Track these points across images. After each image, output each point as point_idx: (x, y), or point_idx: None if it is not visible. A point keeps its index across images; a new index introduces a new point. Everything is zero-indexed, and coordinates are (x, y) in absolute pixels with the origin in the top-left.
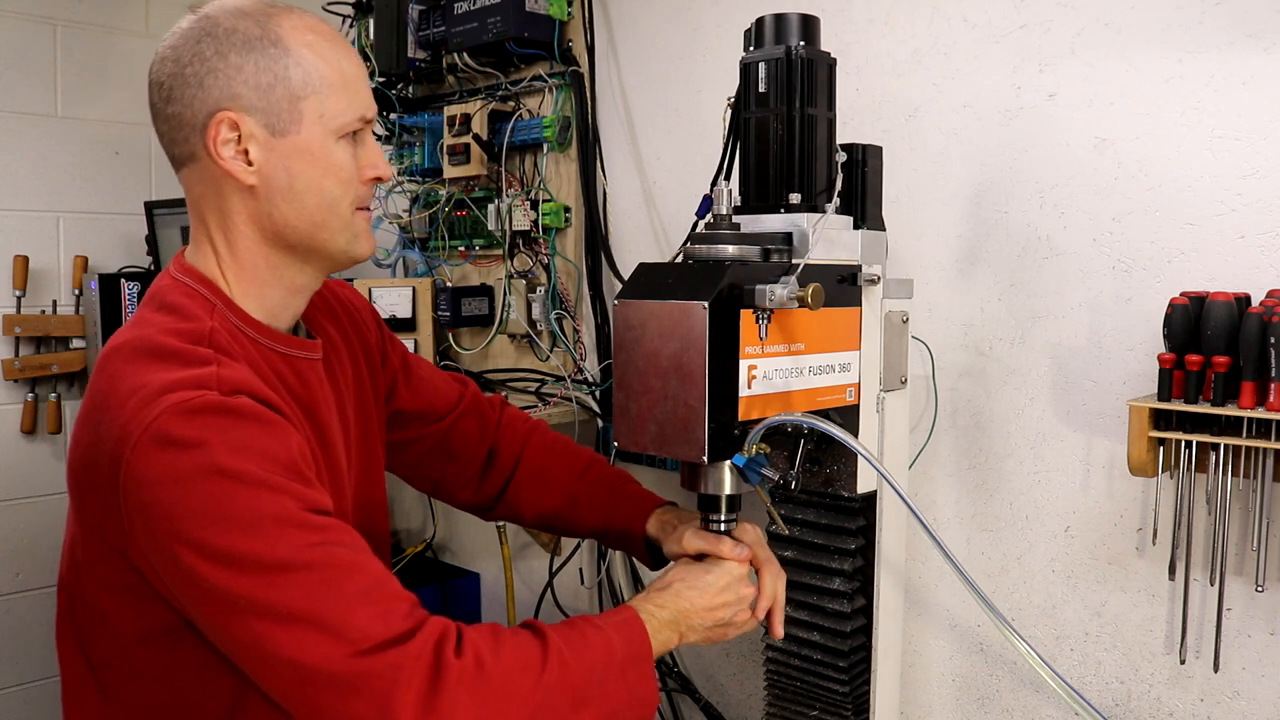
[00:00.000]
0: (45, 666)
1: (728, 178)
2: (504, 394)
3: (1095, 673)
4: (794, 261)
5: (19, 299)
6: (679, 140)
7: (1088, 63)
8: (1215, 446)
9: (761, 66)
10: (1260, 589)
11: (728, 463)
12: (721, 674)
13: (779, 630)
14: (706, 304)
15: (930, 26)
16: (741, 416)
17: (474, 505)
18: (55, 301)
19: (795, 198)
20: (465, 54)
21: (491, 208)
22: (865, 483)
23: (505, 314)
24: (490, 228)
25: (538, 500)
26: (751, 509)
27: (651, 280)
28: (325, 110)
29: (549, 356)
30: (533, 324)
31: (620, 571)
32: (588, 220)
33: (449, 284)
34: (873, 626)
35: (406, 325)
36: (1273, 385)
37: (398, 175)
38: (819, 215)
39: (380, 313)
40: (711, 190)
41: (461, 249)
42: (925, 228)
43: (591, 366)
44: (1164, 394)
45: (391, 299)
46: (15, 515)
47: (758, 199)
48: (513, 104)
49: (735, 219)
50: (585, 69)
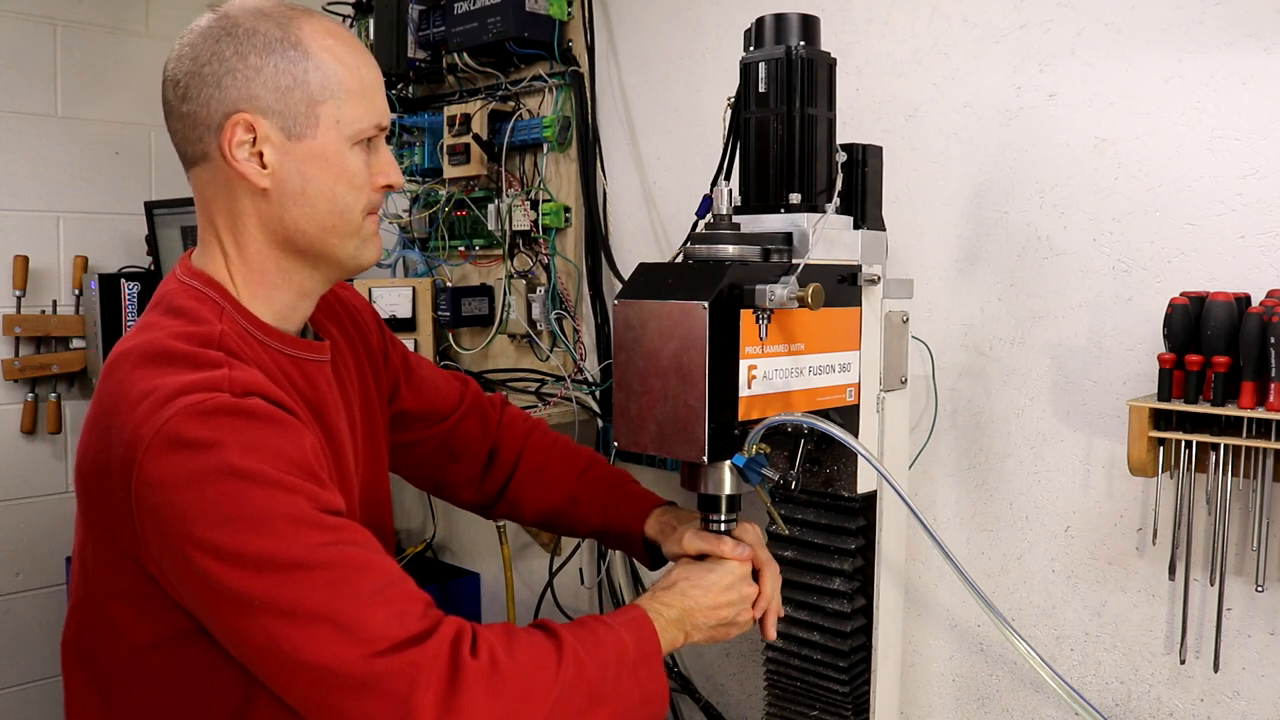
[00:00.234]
0: (45, 666)
1: (728, 178)
2: (504, 394)
3: (1095, 673)
4: (794, 261)
5: (19, 299)
6: (679, 140)
7: (1088, 63)
8: (1215, 446)
9: (761, 66)
10: (1260, 589)
11: (728, 463)
12: (721, 674)
13: (771, 633)
14: (706, 304)
15: (930, 26)
16: (741, 416)
17: (475, 504)
18: (55, 301)
19: (795, 198)
20: (465, 54)
21: (491, 208)
22: (865, 483)
23: (505, 314)
24: (490, 228)
25: (537, 499)
26: (751, 509)
27: (651, 280)
28: (342, 116)
29: (549, 356)
30: (533, 324)
31: (620, 571)
32: (588, 220)
33: (449, 284)
34: (873, 626)
35: (406, 325)
36: (1273, 385)
37: None
38: (819, 215)
39: (380, 313)
40: (711, 190)
41: (461, 249)
42: (925, 228)
43: (591, 366)
44: (1164, 394)
45: (391, 299)
46: (15, 515)
47: (758, 199)
48: (513, 104)
49: (735, 219)
50: (585, 69)
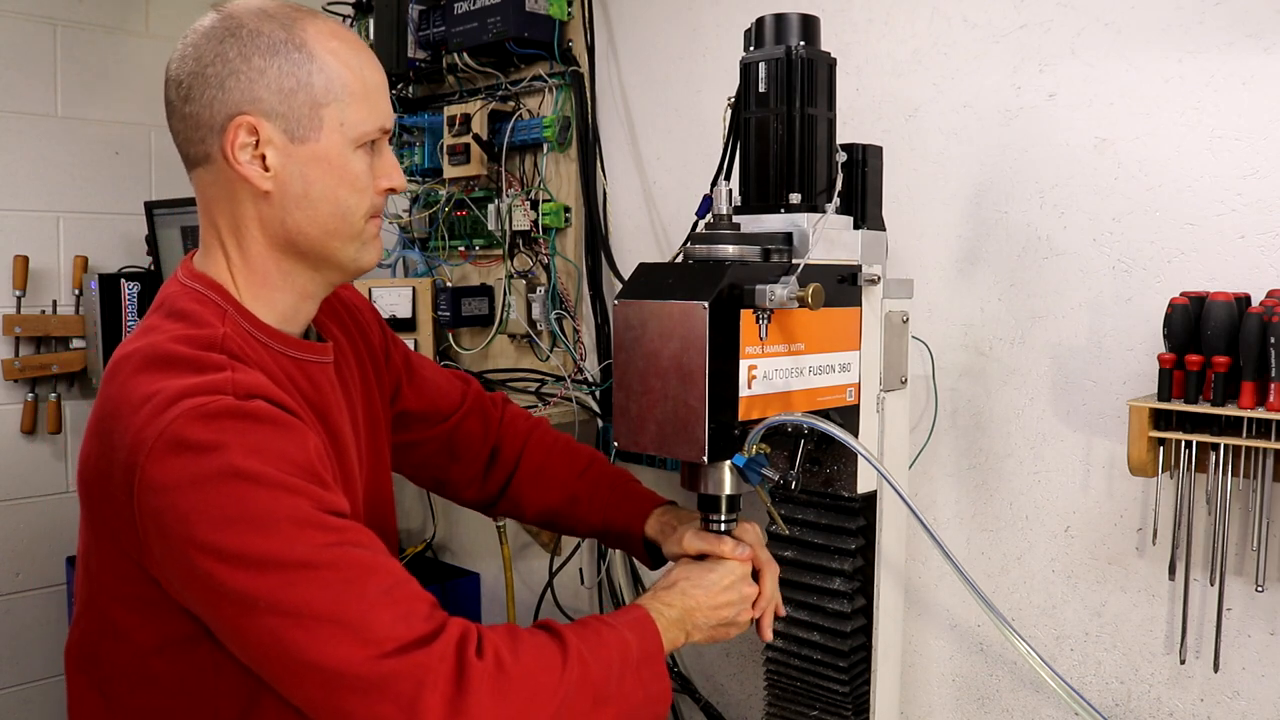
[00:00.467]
0: (45, 666)
1: (728, 178)
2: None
3: (1095, 673)
4: (794, 261)
5: (19, 299)
6: (679, 140)
7: (1088, 63)
8: (1215, 446)
9: (762, 66)
10: (1260, 589)
11: (728, 463)
12: (721, 674)
13: (768, 634)
14: (706, 304)
15: (930, 26)
16: (741, 416)
17: (477, 503)
18: (55, 301)
19: (795, 198)
20: (465, 54)
21: (491, 208)
22: (865, 483)
23: (505, 314)
24: (490, 228)
25: (538, 498)
26: (751, 509)
27: (651, 280)
28: (346, 119)
29: (549, 356)
30: (533, 324)
31: (620, 571)
32: (588, 220)
33: (449, 284)
34: (873, 626)
35: (406, 325)
36: (1273, 385)
37: None
38: (819, 215)
39: (380, 313)
40: (711, 190)
41: (461, 249)
42: (925, 228)
43: (591, 366)
44: (1164, 394)
45: (391, 299)
46: (15, 515)
47: (758, 199)
48: (513, 104)
49: (735, 219)
50: (585, 69)
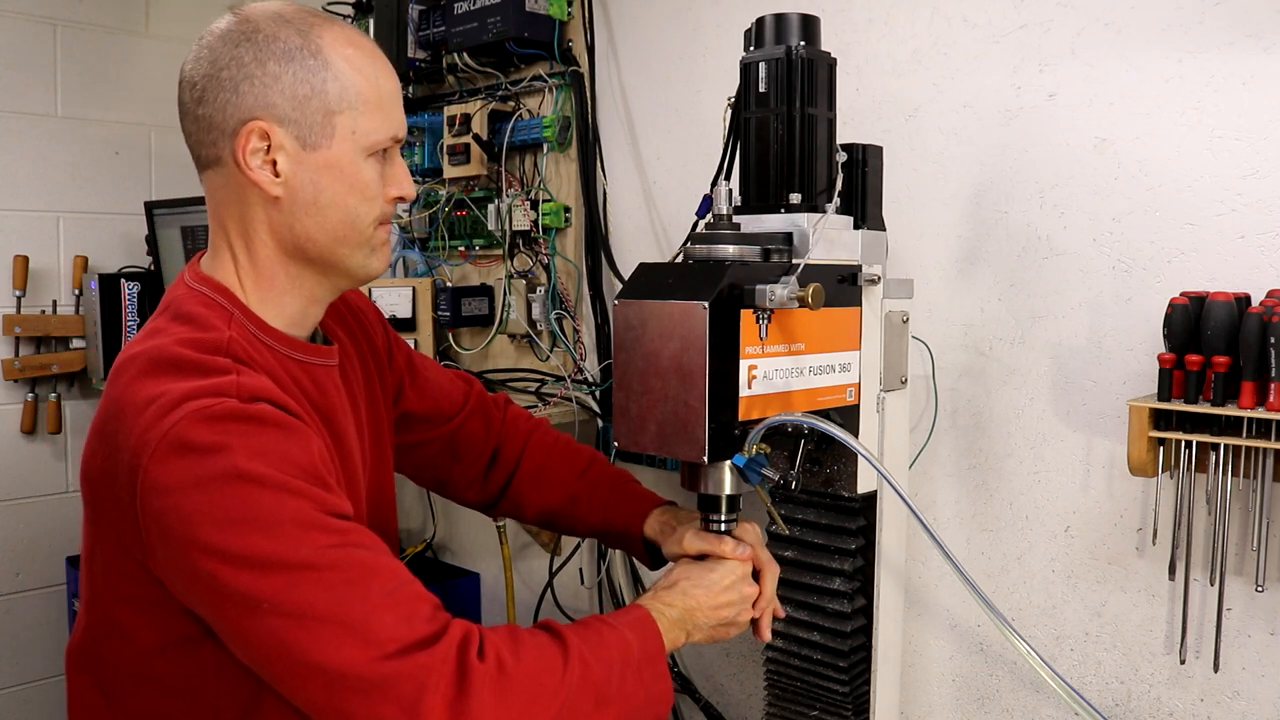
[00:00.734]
0: (45, 666)
1: (728, 178)
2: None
3: (1095, 673)
4: (794, 261)
5: (19, 299)
6: (679, 140)
7: (1088, 63)
8: (1215, 446)
9: (762, 66)
10: (1260, 589)
11: (728, 463)
12: (721, 674)
13: (767, 634)
14: (707, 304)
15: (930, 26)
16: (742, 416)
17: (478, 503)
18: (55, 301)
19: (795, 198)
20: (465, 54)
21: (491, 208)
22: (865, 483)
23: (505, 314)
24: (490, 228)
25: (538, 498)
26: (751, 509)
27: (651, 280)
28: (358, 127)
29: (549, 356)
30: (533, 324)
31: (620, 571)
32: (588, 220)
33: (449, 284)
34: (873, 626)
35: (406, 325)
36: (1273, 385)
37: None
38: (819, 215)
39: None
40: (711, 190)
41: (461, 249)
42: (925, 228)
43: (591, 366)
44: (1164, 394)
45: (391, 299)
46: (15, 515)
47: (758, 199)
48: (513, 104)
49: (735, 219)
50: (585, 69)
